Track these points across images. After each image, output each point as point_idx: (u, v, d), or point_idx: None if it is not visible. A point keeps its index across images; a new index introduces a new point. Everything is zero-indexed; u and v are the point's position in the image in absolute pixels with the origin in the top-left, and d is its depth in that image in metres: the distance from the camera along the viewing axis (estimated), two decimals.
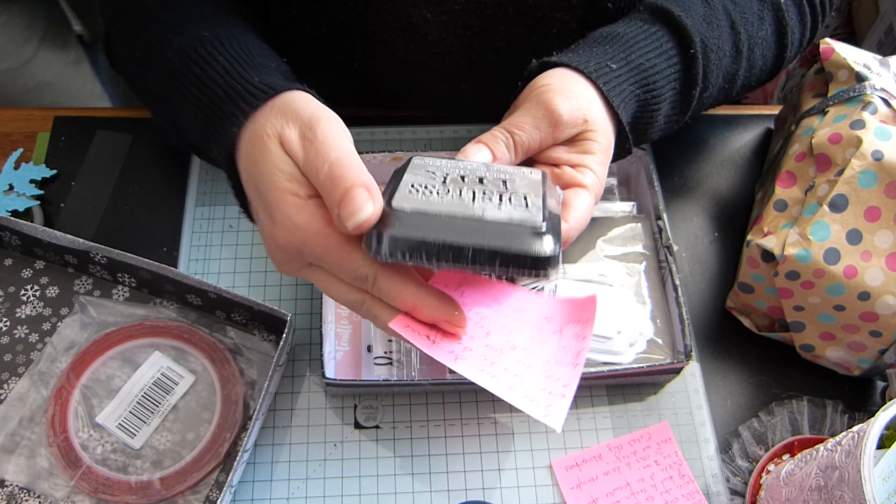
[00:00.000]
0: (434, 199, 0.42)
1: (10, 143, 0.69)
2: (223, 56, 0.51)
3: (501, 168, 0.46)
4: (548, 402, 0.45)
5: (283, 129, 0.45)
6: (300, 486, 0.56)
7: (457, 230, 0.40)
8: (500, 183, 0.44)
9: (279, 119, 0.45)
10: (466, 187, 0.43)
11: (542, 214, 0.41)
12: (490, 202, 0.42)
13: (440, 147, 0.70)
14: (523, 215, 0.41)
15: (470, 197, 0.42)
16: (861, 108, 0.57)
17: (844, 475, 0.44)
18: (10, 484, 0.54)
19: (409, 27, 0.62)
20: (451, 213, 0.41)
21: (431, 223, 0.40)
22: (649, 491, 0.56)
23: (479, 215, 0.41)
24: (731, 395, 0.61)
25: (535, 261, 0.40)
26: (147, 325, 0.59)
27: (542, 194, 0.44)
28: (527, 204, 0.42)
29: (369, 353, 0.59)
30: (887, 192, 0.54)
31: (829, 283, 0.54)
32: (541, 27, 0.61)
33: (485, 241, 0.40)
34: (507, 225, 0.41)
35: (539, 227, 0.41)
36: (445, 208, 0.41)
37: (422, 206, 0.41)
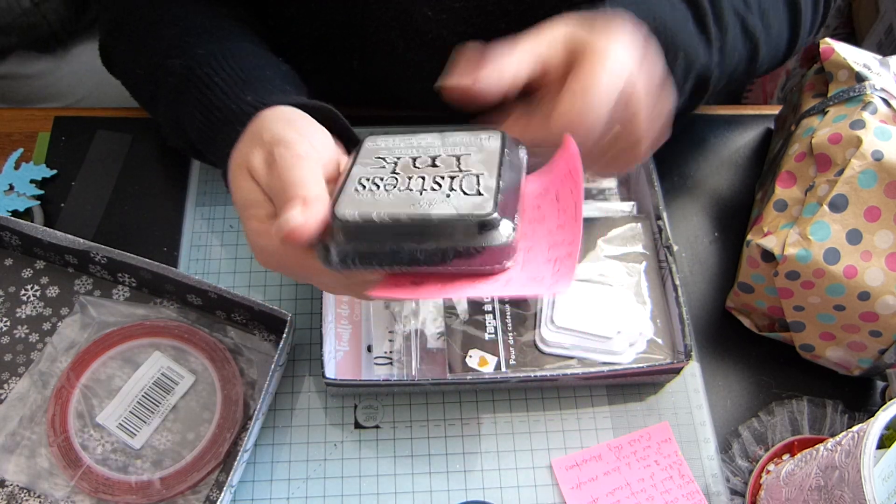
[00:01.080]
0: (380, 197, 0.40)
1: (10, 143, 0.69)
2: (219, 76, 0.51)
3: (457, 139, 0.44)
4: (554, 270, 0.42)
5: (250, 157, 0.45)
6: (300, 486, 0.56)
7: (404, 233, 0.39)
8: (454, 161, 0.42)
9: (248, 145, 0.46)
10: (416, 174, 0.41)
11: (494, 199, 0.39)
12: (439, 191, 0.40)
13: None
14: (473, 203, 0.39)
15: (419, 187, 0.40)
16: (861, 108, 0.57)
17: (844, 475, 0.44)
18: (10, 484, 0.54)
19: (409, 25, 0.61)
20: (396, 216, 0.39)
21: (377, 230, 0.39)
22: (649, 491, 0.56)
23: (424, 212, 0.39)
24: (731, 395, 0.61)
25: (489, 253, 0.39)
26: (147, 325, 0.59)
27: (496, 169, 0.41)
28: (478, 188, 0.40)
29: (369, 353, 0.59)
30: (887, 192, 0.54)
31: (829, 283, 0.54)
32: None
33: (433, 242, 0.39)
34: (455, 219, 0.39)
35: (487, 217, 0.38)
36: (391, 207, 0.39)
37: (366, 210, 0.39)
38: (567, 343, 0.59)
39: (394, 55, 0.64)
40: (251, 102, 0.49)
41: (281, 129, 0.45)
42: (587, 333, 0.59)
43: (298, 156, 0.43)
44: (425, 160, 0.43)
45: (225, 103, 0.50)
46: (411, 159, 0.43)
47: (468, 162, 0.42)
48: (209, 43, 0.54)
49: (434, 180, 0.41)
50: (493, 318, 0.60)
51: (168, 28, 0.56)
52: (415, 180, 0.41)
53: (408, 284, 0.42)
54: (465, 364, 0.58)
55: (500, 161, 0.42)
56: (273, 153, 0.44)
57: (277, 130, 0.45)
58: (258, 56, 0.54)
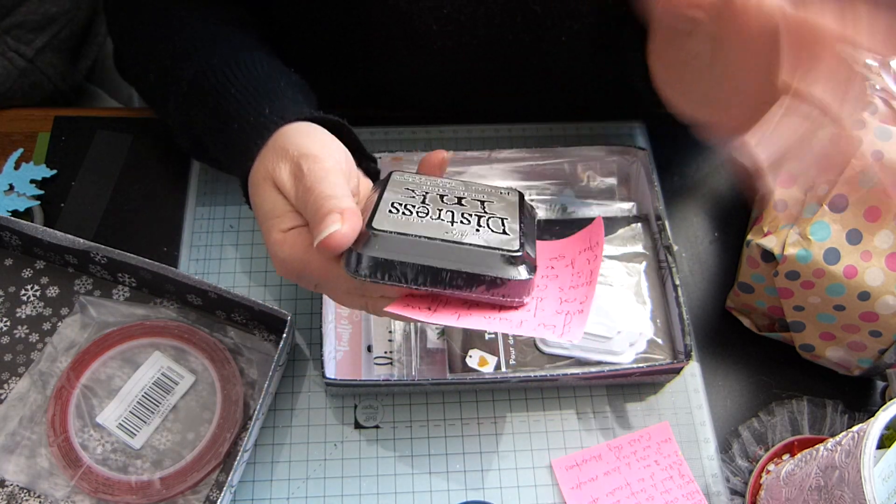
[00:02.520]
0: (414, 220, 0.43)
1: (10, 143, 0.69)
2: (234, 87, 0.52)
3: (479, 187, 0.47)
4: (565, 322, 0.45)
5: (276, 170, 0.46)
6: (300, 486, 0.56)
7: (435, 253, 0.41)
8: (479, 204, 0.45)
9: (272, 159, 0.47)
10: (446, 208, 0.44)
11: (519, 240, 0.43)
12: (468, 225, 0.43)
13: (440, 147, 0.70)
14: (500, 240, 0.42)
15: (449, 218, 0.43)
16: None
17: (844, 475, 0.44)
18: (10, 484, 0.54)
19: (414, 37, 0.61)
20: (430, 236, 0.42)
21: (410, 245, 0.41)
22: (649, 491, 0.56)
23: (457, 239, 0.42)
24: (731, 395, 0.61)
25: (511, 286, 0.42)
26: (147, 325, 0.59)
27: (517, 217, 0.45)
28: (504, 228, 0.43)
29: (369, 353, 0.59)
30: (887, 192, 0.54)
31: (829, 283, 0.54)
32: (550, 35, 0.61)
33: (462, 266, 0.41)
34: (485, 250, 0.42)
35: (515, 253, 0.42)
36: (424, 230, 0.42)
37: (401, 228, 0.42)
38: (567, 343, 0.59)
39: (398, 64, 0.64)
40: (270, 116, 0.50)
41: (306, 144, 0.46)
42: (587, 333, 0.59)
43: (327, 169, 0.44)
44: (452, 198, 0.46)
45: (241, 115, 0.51)
46: (439, 195, 0.46)
47: (492, 207, 0.46)
48: (220, 51, 0.55)
49: (463, 216, 0.44)
50: None
51: (178, 33, 0.57)
52: (445, 212, 0.44)
53: (424, 307, 0.44)
54: (465, 364, 0.58)
55: (520, 211, 0.46)
56: (301, 167, 0.45)
57: (303, 144, 0.46)
58: (270, 66, 0.55)
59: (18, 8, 0.70)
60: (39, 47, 0.72)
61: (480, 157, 0.64)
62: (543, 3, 0.59)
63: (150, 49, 0.58)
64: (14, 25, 0.70)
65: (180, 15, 0.58)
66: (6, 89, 0.71)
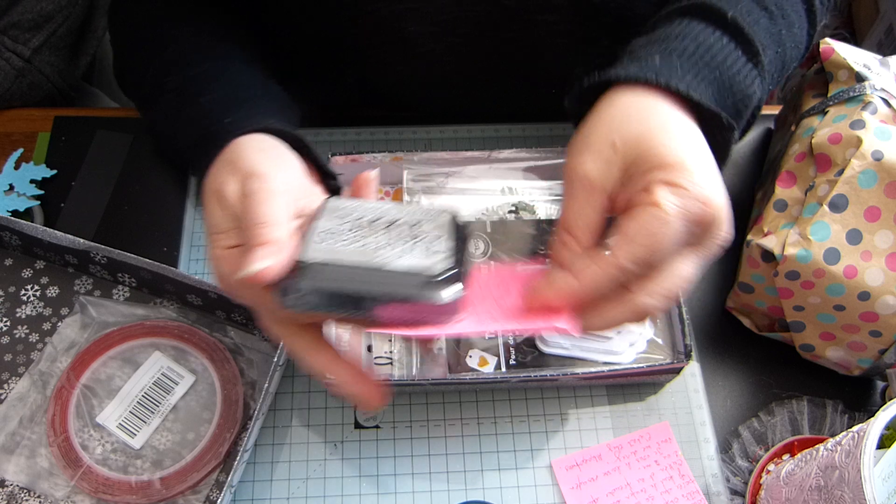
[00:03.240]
0: (339, 249, 0.43)
1: (10, 143, 0.69)
2: (206, 97, 0.52)
3: (412, 210, 0.47)
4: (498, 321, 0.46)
5: (224, 184, 0.45)
6: (300, 486, 0.56)
7: (357, 280, 0.41)
8: (408, 227, 0.45)
9: (223, 172, 0.46)
10: (375, 234, 0.44)
11: (444, 262, 0.42)
12: (394, 249, 0.43)
13: (440, 147, 0.70)
14: (424, 263, 0.42)
15: (376, 244, 0.43)
16: (861, 108, 0.57)
17: (844, 475, 0.45)
18: (10, 484, 0.54)
19: (400, 41, 0.62)
20: (353, 264, 0.42)
21: (336, 274, 0.41)
22: (649, 491, 0.56)
23: (379, 264, 0.42)
24: (731, 395, 0.61)
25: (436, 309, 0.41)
26: (147, 325, 0.59)
27: (447, 239, 0.44)
28: (431, 251, 0.43)
29: (369, 353, 0.59)
30: (887, 192, 0.54)
31: (829, 283, 0.54)
32: (529, 30, 0.61)
33: (383, 291, 0.41)
34: (406, 274, 0.41)
35: (436, 275, 0.41)
36: (348, 258, 0.42)
37: (328, 256, 0.42)
38: (567, 343, 0.59)
39: (388, 68, 0.64)
40: (228, 126, 0.49)
41: (257, 160, 0.45)
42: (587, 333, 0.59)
43: (271, 191, 0.43)
44: (383, 222, 0.46)
45: (205, 124, 0.50)
46: (369, 221, 0.46)
47: (421, 229, 0.45)
48: (204, 62, 0.55)
49: (390, 241, 0.44)
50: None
51: (168, 48, 0.57)
52: (373, 238, 0.44)
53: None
54: (465, 364, 0.58)
55: (452, 233, 0.45)
56: (247, 185, 0.44)
57: (253, 161, 0.45)
58: (249, 75, 0.55)
59: (14, 7, 0.70)
60: (36, 46, 0.72)
61: (480, 157, 0.64)
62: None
63: (143, 63, 0.59)
64: (10, 25, 0.70)
65: (172, 30, 0.58)
66: (5, 90, 0.71)
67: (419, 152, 0.64)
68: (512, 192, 0.66)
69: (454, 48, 0.63)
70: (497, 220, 0.65)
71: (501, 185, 0.66)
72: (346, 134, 0.70)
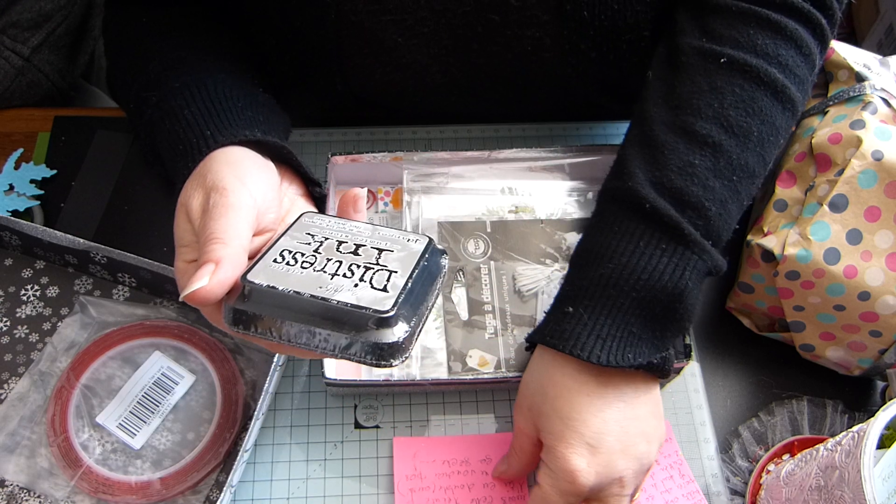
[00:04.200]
0: (293, 273, 0.41)
1: (10, 143, 0.69)
2: (189, 109, 0.51)
3: (386, 234, 0.45)
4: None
5: (191, 198, 0.45)
6: (300, 486, 0.56)
7: (301, 310, 0.40)
8: (375, 253, 0.43)
9: (192, 185, 0.46)
10: (336, 257, 0.43)
11: (395, 300, 0.40)
12: (349, 279, 0.41)
13: (440, 147, 0.70)
14: (374, 297, 0.40)
15: (332, 270, 0.42)
16: (861, 108, 0.57)
17: (844, 475, 0.45)
18: (10, 484, 0.54)
19: (382, 51, 0.61)
20: (300, 291, 0.40)
21: (277, 301, 0.40)
22: (649, 490, 0.56)
23: (327, 296, 0.40)
24: (731, 395, 0.61)
25: (374, 348, 0.39)
26: (147, 324, 0.59)
27: (411, 271, 0.42)
28: (387, 284, 0.41)
29: None
30: (887, 191, 0.54)
31: (829, 282, 0.54)
32: (514, 44, 0.61)
33: (326, 325, 0.39)
34: (352, 309, 0.39)
35: (384, 314, 0.39)
36: (297, 284, 0.40)
37: (275, 281, 0.41)
38: None
39: (374, 78, 0.64)
40: (207, 138, 0.49)
41: (222, 174, 0.45)
42: None
43: (230, 205, 0.43)
44: (350, 246, 0.44)
45: (186, 136, 0.50)
46: (337, 242, 0.44)
47: (387, 258, 0.43)
48: (186, 75, 0.54)
49: (349, 268, 0.42)
50: (493, 318, 0.60)
51: (152, 62, 0.57)
52: (331, 264, 0.42)
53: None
54: (465, 364, 0.58)
55: (416, 264, 0.43)
56: (209, 199, 0.44)
57: (219, 175, 0.45)
58: (233, 87, 0.54)
59: (13, 7, 0.70)
60: (35, 45, 0.72)
61: (480, 157, 0.64)
62: (501, 12, 0.59)
63: (129, 78, 0.58)
64: (9, 25, 0.70)
65: (157, 43, 0.58)
66: (4, 89, 0.71)
67: (419, 152, 0.64)
68: (512, 192, 0.66)
69: (438, 58, 0.62)
70: (497, 220, 0.65)
71: (501, 185, 0.66)
72: (346, 134, 0.70)
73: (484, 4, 0.59)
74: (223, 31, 0.61)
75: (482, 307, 0.60)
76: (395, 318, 0.39)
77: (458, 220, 0.64)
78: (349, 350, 0.39)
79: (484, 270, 0.62)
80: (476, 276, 0.62)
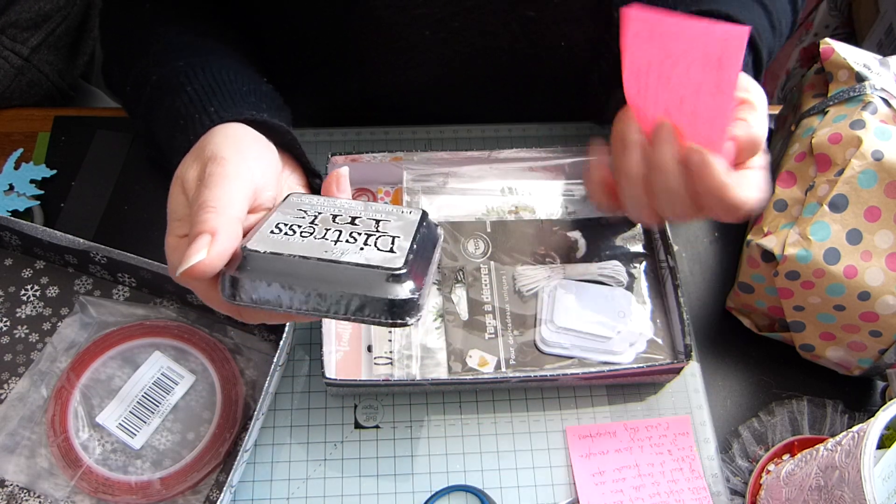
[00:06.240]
0: (293, 241, 0.40)
1: (10, 143, 0.69)
2: (192, 85, 0.51)
3: (380, 207, 0.45)
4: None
5: (187, 170, 0.44)
6: (300, 486, 0.56)
7: (309, 274, 0.38)
8: (372, 223, 0.43)
9: (191, 158, 0.45)
10: (334, 227, 0.42)
11: (405, 258, 0.39)
12: (353, 244, 0.40)
13: (440, 147, 0.70)
14: (383, 258, 0.39)
15: (334, 238, 0.41)
16: (861, 108, 0.57)
17: (844, 475, 0.45)
18: (10, 484, 0.54)
19: (407, 46, 0.61)
20: (306, 255, 0.39)
21: (284, 265, 0.38)
22: (657, 477, 0.56)
23: (334, 258, 0.39)
24: (731, 395, 0.61)
25: (389, 306, 0.38)
26: (147, 324, 0.59)
27: (412, 236, 0.42)
28: (392, 247, 0.40)
29: (369, 353, 0.59)
30: (887, 192, 0.54)
31: (829, 282, 0.54)
32: (547, 41, 0.61)
33: (338, 286, 0.38)
34: (362, 268, 0.38)
35: (395, 271, 0.38)
36: (302, 250, 0.39)
37: (278, 248, 0.39)
38: (567, 343, 0.59)
39: (393, 75, 0.64)
40: (211, 114, 0.48)
41: (221, 146, 0.44)
42: (587, 333, 0.59)
43: (226, 175, 0.42)
44: (345, 218, 0.43)
45: (189, 111, 0.49)
46: (331, 215, 0.43)
47: (386, 226, 0.43)
48: (190, 56, 0.53)
49: (350, 234, 0.41)
50: (493, 318, 0.60)
51: (155, 46, 0.56)
52: (331, 232, 0.41)
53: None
54: (465, 364, 0.58)
55: (416, 230, 0.43)
56: (205, 170, 0.42)
57: (218, 146, 0.44)
58: (237, 72, 0.54)
59: (12, 6, 0.70)
60: (35, 45, 0.72)
61: (480, 157, 0.64)
62: (539, 8, 0.58)
63: (130, 62, 0.58)
64: (8, 24, 0.70)
65: (160, 28, 0.58)
66: (4, 89, 0.71)
67: (419, 152, 0.64)
68: (512, 192, 0.66)
69: (463, 55, 0.62)
70: (497, 220, 0.65)
71: (501, 185, 0.66)
72: (346, 134, 0.70)
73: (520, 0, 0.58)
74: (228, 27, 0.61)
75: (482, 307, 0.60)
76: (408, 275, 0.39)
77: (458, 220, 0.64)
78: (363, 311, 0.38)
79: (484, 270, 0.62)
80: (476, 276, 0.62)
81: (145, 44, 0.57)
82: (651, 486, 0.56)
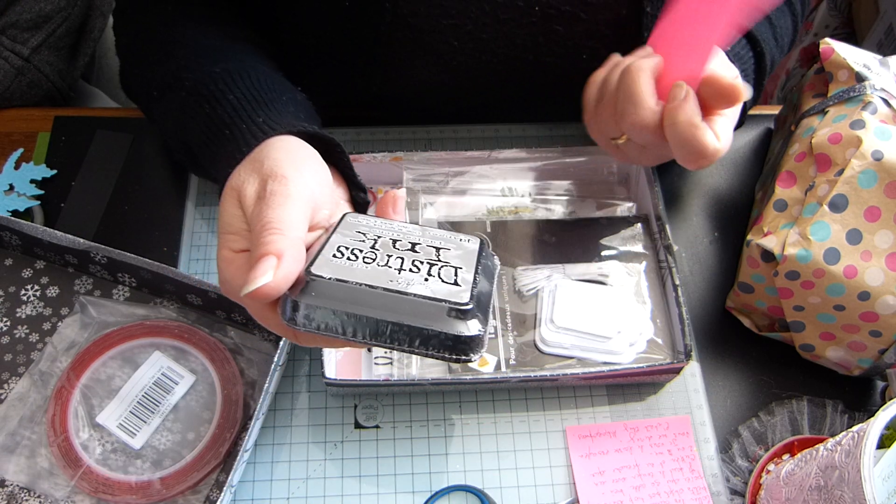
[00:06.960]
0: (357, 267, 0.39)
1: (10, 143, 0.69)
2: (233, 94, 0.50)
3: (437, 234, 0.44)
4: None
5: (244, 183, 0.44)
6: (300, 486, 0.56)
7: (375, 304, 0.38)
8: (433, 251, 0.42)
9: (247, 170, 0.45)
10: (396, 254, 0.41)
11: (470, 292, 0.39)
12: (417, 273, 0.40)
13: (440, 147, 0.70)
14: (449, 291, 0.39)
15: (397, 266, 0.40)
16: (861, 108, 0.57)
17: (844, 475, 0.45)
18: (10, 484, 0.54)
19: (434, 55, 0.61)
20: (372, 284, 0.38)
21: (349, 294, 0.38)
22: (656, 476, 0.56)
23: (401, 289, 0.38)
24: (731, 395, 0.61)
25: (455, 342, 0.38)
26: (147, 324, 0.59)
27: (474, 267, 0.41)
28: (456, 279, 0.40)
29: (369, 353, 0.59)
30: (887, 192, 0.54)
31: (829, 282, 0.54)
32: (571, 53, 0.61)
33: (404, 318, 0.38)
34: (430, 302, 0.38)
35: (462, 306, 0.38)
36: (367, 278, 0.39)
37: (343, 274, 0.39)
38: (567, 343, 0.59)
39: (416, 80, 0.64)
40: (261, 125, 0.48)
41: (281, 162, 0.44)
42: (587, 333, 0.59)
43: (289, 195, 0.41)
44: (405, 244, 0.43)
45: (234, 121, 0.49)
46: (391, 240, 0.43)
47: (447, 255, 0.42)
48: (225, 62, 0.53)
49: (413, 263, 0.41)
50: (493, 318, 0.60)
51: (182, 48, 0.56)
52: (394, 259, 0.41)
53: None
54: (466, 364, 0.58)
55: (477, 261, 0.42)
56: (266, 186, 0.42)
57: (277, 162, 0.44)
58: (274, 80, 0.53)
59: (12, 7, 0.70)
60: (35, 46, 0.72)
61: (480, 157, 0.64)
62: (567, 24, 0.59)
63: (154, 64, 0.57)
64: (8, 25, 0.70)
65: (187, 32, 0.57)
66: (4, 89, 0.71)
67: (419, 152, 0.64)
68: (512, 192, 0.66)
69: (488, 65, 0.62)
70: (497, 220, 0.65)
71: (501, 185, 0.66)
72: (346, 134, 0.70)
73: (551, 16, 0.59)
74: (249, 27, 0.60)
75: None
76: (475, 311, 0.38)
77: (458, 220, 0.64)
78: (427, 345, 0.38)
79: None
80: None
81: (168, 45, 0.57)
82: (651, 486, 0.56)
